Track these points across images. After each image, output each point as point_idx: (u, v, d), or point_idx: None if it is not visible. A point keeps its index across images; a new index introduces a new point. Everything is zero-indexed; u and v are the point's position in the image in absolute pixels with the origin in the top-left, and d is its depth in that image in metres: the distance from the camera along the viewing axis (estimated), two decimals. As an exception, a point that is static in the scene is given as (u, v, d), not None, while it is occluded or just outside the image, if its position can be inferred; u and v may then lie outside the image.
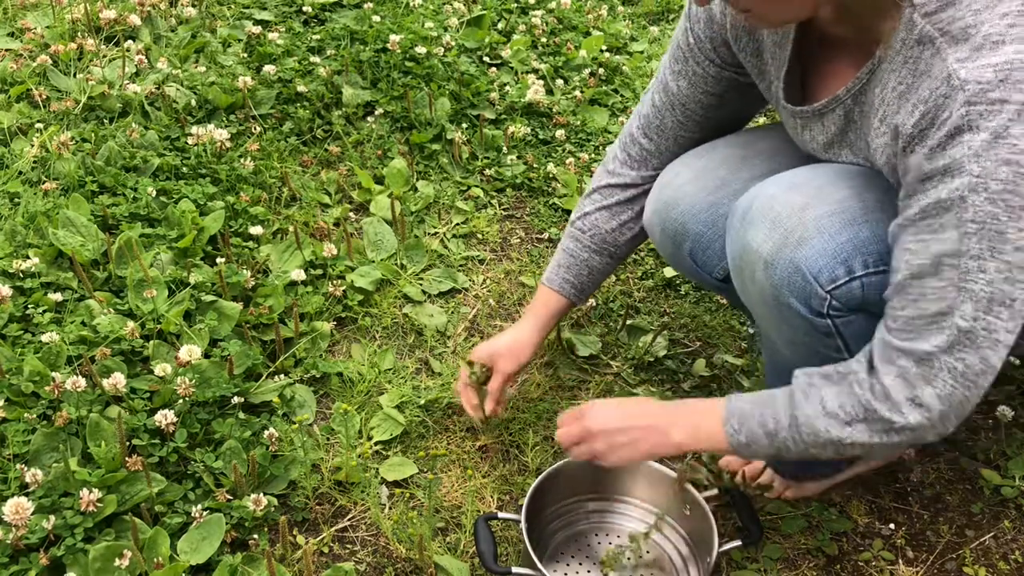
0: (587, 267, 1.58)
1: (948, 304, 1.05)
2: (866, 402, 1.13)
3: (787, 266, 1.19)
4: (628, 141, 1.53)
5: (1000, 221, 1.00)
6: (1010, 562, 1.48)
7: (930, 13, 1.02)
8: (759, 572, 1.45)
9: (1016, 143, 0.97)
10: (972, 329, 1.05)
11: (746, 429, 1.22)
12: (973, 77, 0.97)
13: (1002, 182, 0.98)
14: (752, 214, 1.24)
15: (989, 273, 1.02)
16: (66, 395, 1.53)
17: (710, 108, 1.42)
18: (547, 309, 1.60)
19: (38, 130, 2.26)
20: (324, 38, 2.79)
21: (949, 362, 1.08)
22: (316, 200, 2.22)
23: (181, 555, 1.39)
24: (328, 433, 1.66)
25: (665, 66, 1.44)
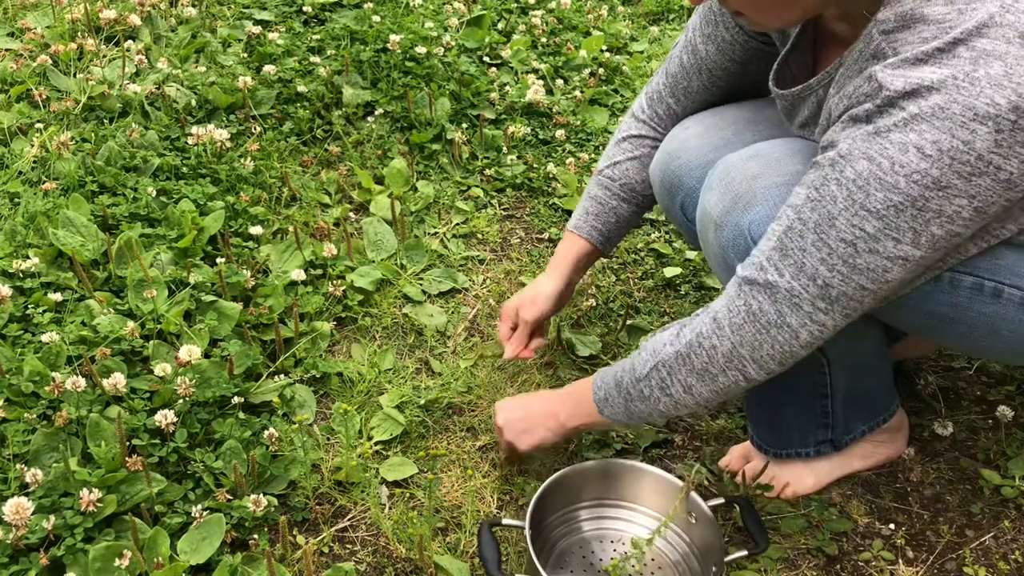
0: (615, 215, 1.61)
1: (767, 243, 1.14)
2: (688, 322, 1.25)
3: (732, 229, 1.25)
4: (656, 98, 1.56)
5: (836, 204, 1.06)
6: (1010, 562, 1.48)
7: (887, 31, 1.06)
8: (759, 572, 1.45)
9: (887, 148, 1.02)
10: (775, 282, 1.12)
11: (604, 383, 1.34)
12: (886, 81, 1.03)
13: (856, 173, 1.04)
14: (712, 179, 1.31)
15: (804, 241, 1.09)
16: (66, 395, 1.53)
17: (735, 76, 1.45)
18: (572, 255, 1.63)
19: (38, 130, 2.26)
20: (324, 38, 2.79)
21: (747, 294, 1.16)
22: (316, 200, 2.22)
23: (181, 555, 1.39)
24: (328, 433, 1.66)
25: (694, 27, 1.46)
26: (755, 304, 1.15)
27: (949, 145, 0.99)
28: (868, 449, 1.57)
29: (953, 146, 0.99)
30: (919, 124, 1.00)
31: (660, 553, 1.44)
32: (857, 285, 1.10)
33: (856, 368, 1.45)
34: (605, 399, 1.35)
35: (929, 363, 1.85)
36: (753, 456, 1.58)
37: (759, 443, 1.56)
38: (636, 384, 1.31)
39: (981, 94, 0.97)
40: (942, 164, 1.00)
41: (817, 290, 1.11)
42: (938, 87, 0.99)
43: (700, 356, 1.23)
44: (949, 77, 0.99)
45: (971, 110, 0.98)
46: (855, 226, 1.05)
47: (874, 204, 1.04)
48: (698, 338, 1.22)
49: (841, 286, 1.10)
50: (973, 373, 1.82)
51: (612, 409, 1.36)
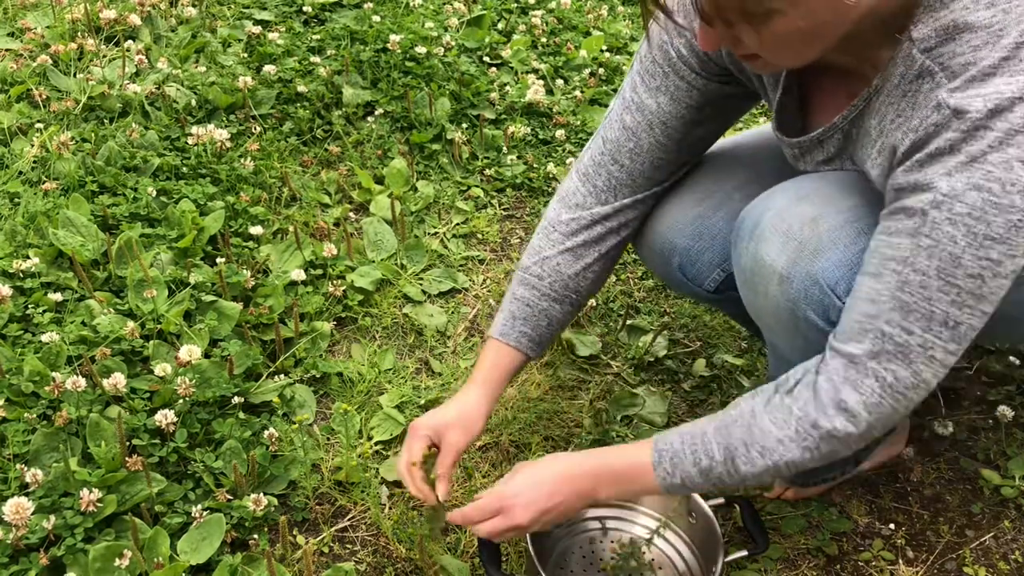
0: (546, 317, 1.42)
1: (878, 308, 1.05)
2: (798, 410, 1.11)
3: (804, 279, 1.17)
4: (591, 172, 1.39)
5: (957, 244, 0.99)
6: (1010, 562, 1.48)
7: (929, 49, 1.01)
8: (759, 572, 1.45)
9: (991, 170, 0.96)
10: (905, 342, 1.04)
11: (680, 471, 1.19)
12: (962, 106, 0.97)
13: (968, 206, 0.97)
14: (762, 228, 1.21)
15: (930, 291, 1.02)
16: (66, 395, 1.53)
17: (690, 124, 1.34)
18: (500, 370, 1.41)
19: (38, 130, 2.26)
20: (324, 38, 2.79)
21: (877, 370, 1.06)
22: (316, 200, 2.22)
23: (181, 555, 1.39)
24: (328, 433, 1.66)
25: (633, 85, 1.34)
26: (889, 376, 1.06)
27: None
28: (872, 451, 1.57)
29: None
30: (1014, 138, 0.95)
31: (660, 553, 1.44)
32: (982, 313, 1.03)
33: None
34: (682, 485, 1.20)
35: (929, 363, 1.85)
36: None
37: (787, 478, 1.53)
38: (736, 475, 1.17)
39: None
40: None
41: (949, 333, 1.03)
42: (1020, 95, 0.95)
43: (832, 447, 1.12)
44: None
45: None
46: (981, 258, 0.99)
47: (997, 230, 0.97)
48: (831, 433, 1.10)
49: (970, 320, 1.03)
50: (973, 373, 1.82)
51: (688, 491, 1.23)
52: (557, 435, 1.69)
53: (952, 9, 0.99)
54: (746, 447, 1.14)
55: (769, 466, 1.14)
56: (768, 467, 1.14)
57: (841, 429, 1.09)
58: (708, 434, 1.18)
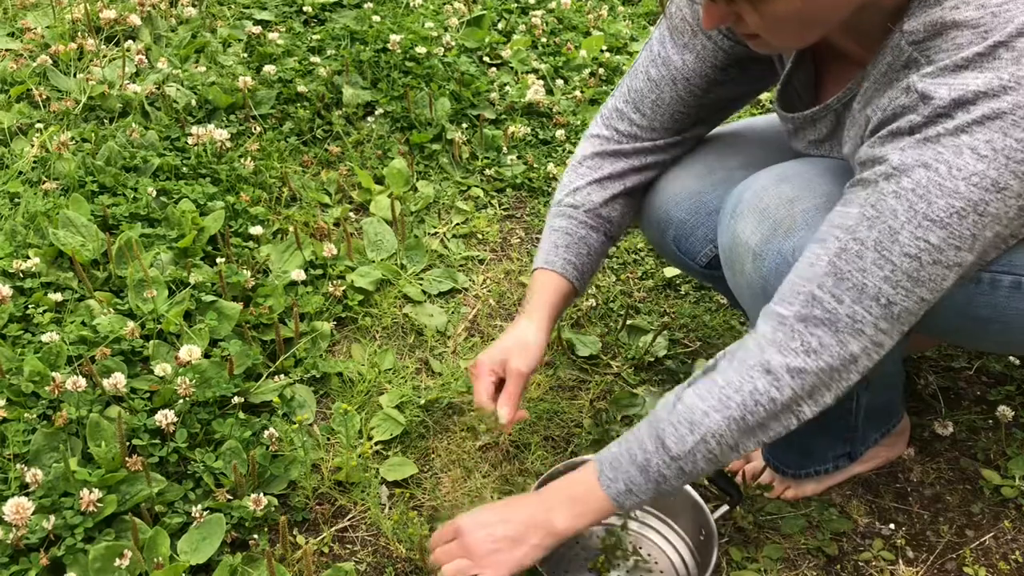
0: (586, 245, 1.45)
1: (813, 271, 1.06)
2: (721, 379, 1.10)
3: (775, 257, 1.19)
4: (615, 116, 1.45)
5: (897, 218, 1.01)
6: (1010, 562, 1.48)
7: (917, 41, 1.04)
8: (759, 572, 1.45)
9: (941, 152, 0.98)
10: (834, 310, 1.05)
11: (622, 475, 1.16)
12: (928, 91, 1.00)
13: (913, 182, 1.00)
14: (742, 206, 1.25)
15: (864, 262, 1.03)
16: (66, 395, 1.53)
17: (713, 84, 1.38)
18: (551, 295, 1.43)
19: (38, 130, 2.26)
20: (324, 38, 2.79)
21: (803, 333, 1.06)
22: (316, 200, 2.22)
23: (181, 555, 1.39)
24: (328, 433, 1.66)
25: (662, 40, 1.38)
26: (814, 341, 1.06)
27: (1003, 144, 0.97)
28: (871, 451, 1.57)
29: (1007, 145, 0.97)
30: (971, 128, 0.97)
31: (653, 545, 1.45)
32: (918, 298, 1.04)
33: (878, 382, 1.43)
34: (628, 490, 1.17)
35: (929, 363, 1.85)
36: (753, 456, 1.59)
37: (776, 464, 1.54)
38: (672, 463, 1.14)
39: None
40: (998, 164, 0.97)
41: (880, 310, 1.04)
42: (984, 90, 0.97)
43: (757, 414, 1.10)
44: (995, 79, 0.97)
45: (1021, 108, 0.96)
46: (919, 238, 1.00)
47: (937, 212, 0.99)
48: (752, 396, 1.09)
49: (904, 302, 1.04)
50: (973, 373, 1.82)
51: (637, 498, 1.18)
52: (557, 435, 1.69)
53: (944, 6, 1.02)
54: (674, 427, 1.13)
55: (698, 441, 1.12)
56: (698, 443, 1.12)
57: (763, 391, 1.09)
58: (640, 429, 1.18)
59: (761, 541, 1.50)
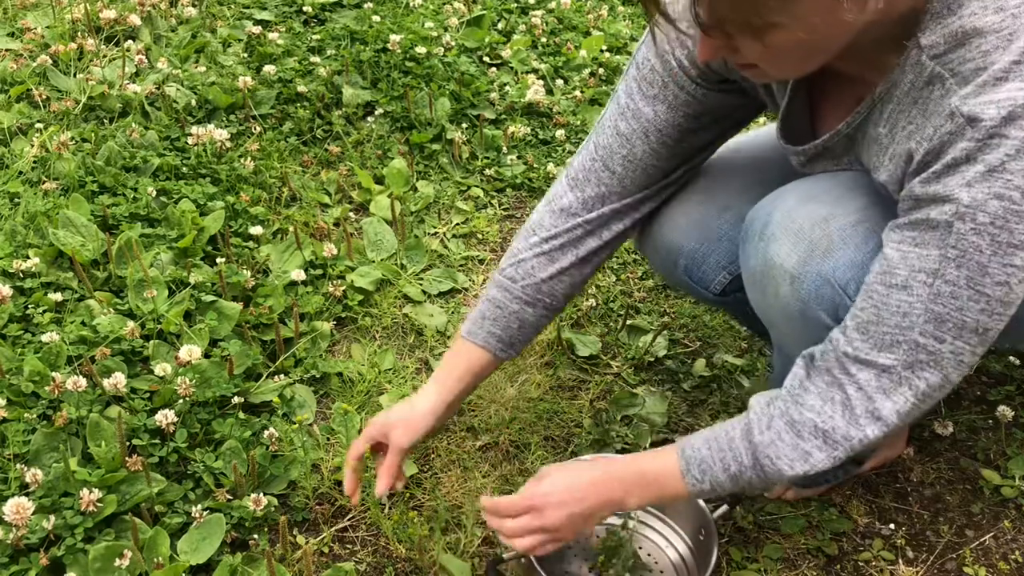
0: (517, 319, 1.39)
1: (910, 320, 1.05)
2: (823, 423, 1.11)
3: (815, 279, 1.17)
4: (581, 178, 1.36)
5: (983, 253, 0.99)
6: (1010, 562, 1.48)
7: (939, 55, 1.01)
8: (759, 572, 1.45)
9: (1011, 179, 0.96)
10: (937, 351, 1.05)
11: (709, 477, 1.18)
12: (975, 113, 0.97)
13: (990, 215, 0.98)
14: (772, 228, 1.21)
15: (961, 301, 1.02)
16: (66, 395, 1.53)
17: (686, 133, 1.32)
18: (460, 368, 1.39)
19: (38, 130, 2.26)
20: (324, 38, 2.79)
21: (910, 378, 1.07)
22: (316, 200, 2.22)
23: (181, 555, 1.39)
24: (328, 433, 1.66)
25: (630, 92, 1.31)
26: (923, 385, 1.07)
27: None
28: (871, 450, 1.57)
29: None
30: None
31: (653, 546, 1.45)
32: (1006, 317, 1.04)
33: None
34: (711, 490, 1.19)
35: (929, 363, 1.85)
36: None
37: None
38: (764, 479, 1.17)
39: None
40: None
41: (978, 339, 1.05)
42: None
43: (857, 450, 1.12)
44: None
45: None
46: (1007, 265, 0.99)
47: (1020, 237, 0.98)
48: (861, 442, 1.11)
49: (997, 324, 1.04)
50: (973, 373, 1.82)
51: (715, 494, 1.21)
52: (557, 435, 1.69)
53: (960, 15, 0.99)
54: (772, 459, 1.14)
55: (799, 475, 1.14)
56: (797, 476, 1.15)
57: (872, 437, 1.10)
58: (735, 440, 1.18)
59: (761, 541, 1.50)
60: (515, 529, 1.24)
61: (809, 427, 1.12)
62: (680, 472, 1.20)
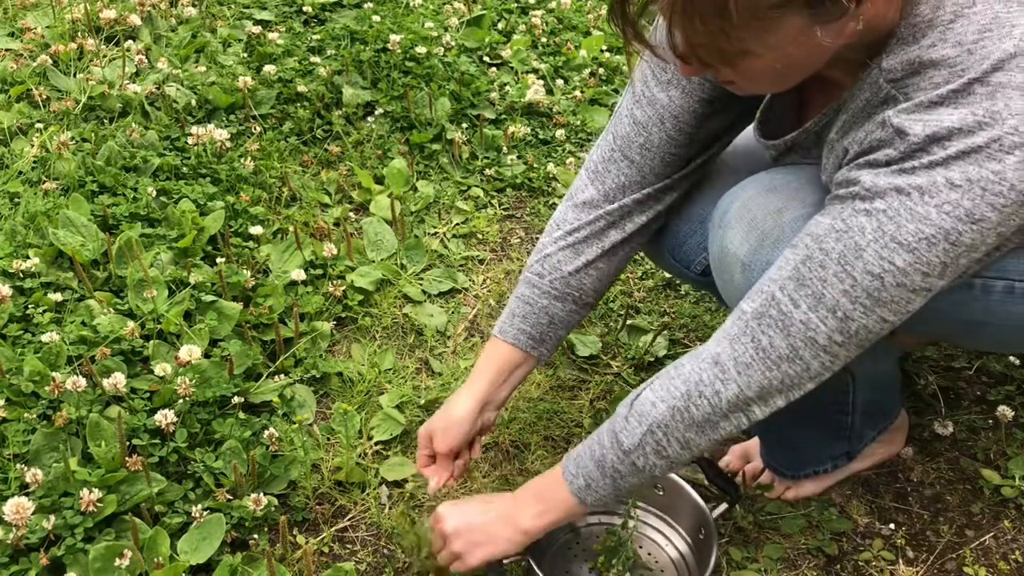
0: (547, 315, 1.40)
1: (779, 273, 1.08)
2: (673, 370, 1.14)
3: (763, 267, 1.18)
4: (601, 170, 1.38)
5: (864, 235, 1.01)
6: (1010, 562, 1.48)
7: (895, 80, 1.04)
8: (759, 572, 1.45)
9: (914, 180, 0.98)
10: (788, 313, 1.06)
11: (582, 469, 1.19)
12: (904, 127, 1.00)
13: (886, 204, 1.00)
14: (729, 216, 1.25)
15: (826, 271, 1.04)
16: (66, 395, 1.53)
17: (703, 118, 1.34)
18: (493, 366, 1.41)
19: (38, 130, 2.26)
20: (324, 38, 2.79)
21: (755, 330, 1.08)
22: (316, 200, 2.23)
23: (181, 555, 1.39)
24: (328, 433, 1.66)
25: (644, 79, 1.34)
26: (765, 339, 1.07)
27: (978, 175, 0.96)
28: (869, 448, 1.57)
29: (983, 176, 0.96)
30: (946, 162, 0.97)
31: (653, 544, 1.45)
32: (879, 318, 1.04)
33: (876, 381, 1.43)
34: (587, 486, 1.20)
35: (929, 363, 1.85)
36: (753, 456, 1.59)
37: (774, 466, 1.55)
38: (625, 457, 1.17)
39: (1005, 124, 0.95)
40: (973, 195, 0.96)
41: (836, 323, 1.05)
42: (959, 127, 0.96)
43: (701, 406, 1.12)
44: (969, 115, 0.96)
45: (996, 141, 0.95)
46: (884, 258, 1.01)
47: (905, 236, 0.99)
48: (697, 387, 1.12)
49: (862, 319, 1.04)
50: (973, 373, 1.82)
51: (597, 494, 1.21)
52: (557, 435, 1.69)
53: (921, 45, 1.01)
54: (626, 420, 1.16)
55: (645, 432, 1.14)
56: (645, 434, 1.15)
57: (708, 382, 1.11)
58: (603, 427, 1.21)
59: (761, 541, 1.50)
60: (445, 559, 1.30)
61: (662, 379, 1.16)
62: (561, 471, 1.23)
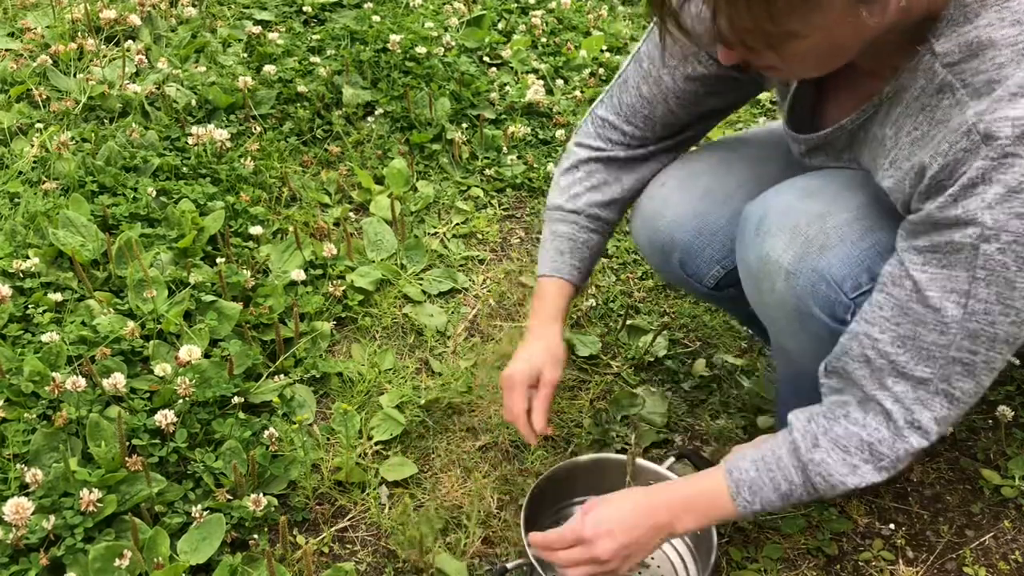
0: (588, 248, 1.50)
1: (947, 338, 1.07)
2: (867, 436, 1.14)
3: (810, 275, 1.18)
4: (606, 125, 1.46)
5: (1009, 270, 1.01)
6: (1010, 562, 1.48)
7: (952, 63, 1.01)
8: (759, 572, 1.45)
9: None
10: (971, 362, 1.08)
11: (760, 498, 1.20)
12: (991, 131, 0.97)
13: (1013, 234, 0.99)
14: (768, 224, 1.22)
15: (993, 316, 1.05)
16: (66, 395, 1.53)
17: (704, 97, 1.39)
18: (563, 302, 1.49)
19: (38, 130, 2.26)
20: (324, 38, 2.79)
21: (945, 388, 1.10)
22: (316, 200, 2.22)
23: (181, 555, 1.39)
24: (328, 433, 1.66)
25: (652, 58, 1.38)
26: (957, 392, 1.11)
27: None
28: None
29: None
30: None
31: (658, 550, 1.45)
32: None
33: None
34: (762, 508, 1.21)
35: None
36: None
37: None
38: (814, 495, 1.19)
39: None
40: None
41: (1008, 348, 1.09)
42: None
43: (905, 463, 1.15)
44: None
45: None
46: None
47: None
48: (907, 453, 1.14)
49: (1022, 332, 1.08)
50: (973, 373, 1.82)
51: (764, 512, 1.23)
52: (557, 435, 1.69)
53: (977, 25, 0.99)
54: (823, 476, 1.16)
55: (850, 488, 1.16)
56: (848, 490, 1.16)
57: (916, 446, 1.13)
58: (783, 459, 1.19)
59: (761, 541, 1.50)
60: (567, 560, 1.25)
61: (855, 442, 1.14)
62: (730, 495, 1.21)
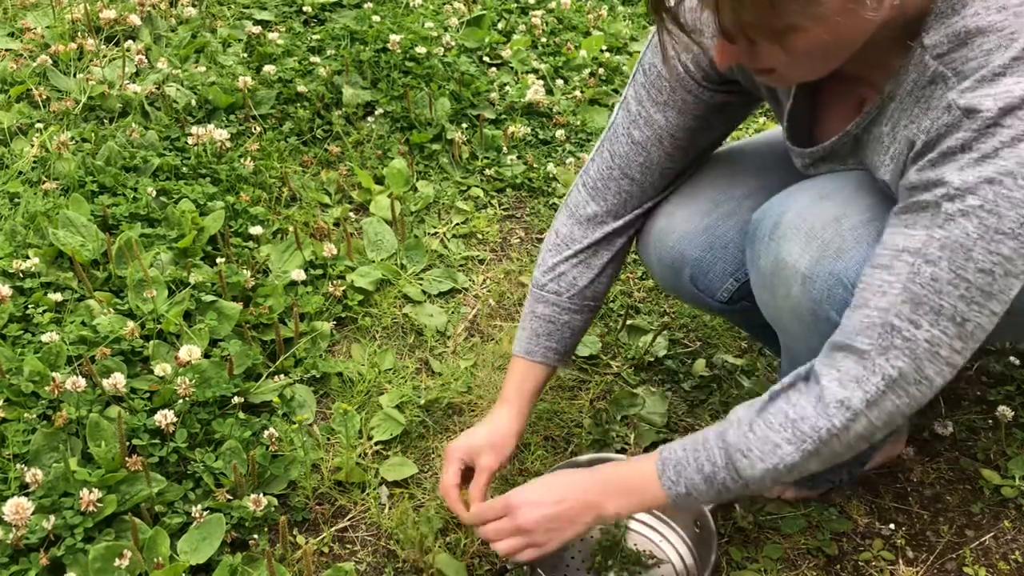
0: (569, 329, 1.45)
1: (888, 300, 1.04)
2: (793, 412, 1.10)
3: (827, 279, 1.16)
4: (601, 187, 1.41)
5: (968, 236, 0.99)
6: (1010, 562, 1.48)
7: (942, 54, 1.01)
8: (759, 572, 1.45)
9: (1004, 164, 0.96)
10: (912, 336, 1.03)
11: (684, 479, 1.18)
12: (973, 105, 0.97)
13: (980, 198, 0.97)
14: (783, 228, 1.21)
15: (940, 284, 1.01)
16: (66, 395, 1.53)
17: (697, 133, 1.35)
18: (529, 387, 1.44)
19: (38, 130, 2.26)
20: (324, 38, 2.79)
21: (883, 367, 1.05)
22: (316, 200, 2.23)
23: (181, 555, 1.39)
24: (328, 433, 1.66)
25: (639, 99, 1.34)
26: (894, 371, 1.04)
27: None
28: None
29: None
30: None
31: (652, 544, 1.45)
32: (990, 312, 1.02)
33: None
34: (687, 494, 1.19)
35: (929, 363, 1.85)
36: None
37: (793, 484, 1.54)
38: (739, 480, 1.16)
39: None
40: None
41: (956, 330, 1.02)
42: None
43: (833, 447, 1.10)
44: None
45: None
46: (993, 252, 0.98)
47: (1008, 224, 0.97)
48: (830, 432, 1.09)
49: (977, 318, 1.02)
50: (973, 373, 1.82)
51: (695, 501, 1.20)
52: (557, 435, 1.69)
53: (963, 15, 1.00)
54: (743, 454, 1.14)
55: (769, 469, 1.13)
56: (768, 470, 1.13)
57: (841, 426, 1.08)
58: (709, 440, 1.17)
59: (761, 541, 1.50)
60: (493, 531, 1.25)
61: (780, 418, 1.12)
62: (656, 473, 1.20)
